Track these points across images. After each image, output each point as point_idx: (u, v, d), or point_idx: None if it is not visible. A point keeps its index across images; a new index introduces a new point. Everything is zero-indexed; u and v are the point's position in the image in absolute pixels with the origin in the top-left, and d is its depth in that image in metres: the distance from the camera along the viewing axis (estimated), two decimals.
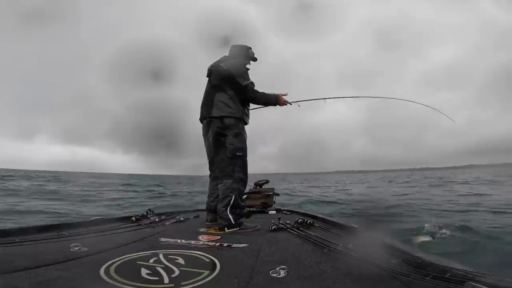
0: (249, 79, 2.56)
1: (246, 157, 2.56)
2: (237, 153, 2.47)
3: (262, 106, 2.79)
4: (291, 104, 2.74)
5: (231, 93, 2.51)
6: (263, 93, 2.61)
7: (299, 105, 2.83)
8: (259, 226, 2.46)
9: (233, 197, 2.43)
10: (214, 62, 2.67)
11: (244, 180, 2.53)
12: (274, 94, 2.65)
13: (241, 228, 2.39)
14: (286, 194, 12.09)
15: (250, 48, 2.77)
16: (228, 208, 2.40)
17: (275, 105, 2.69)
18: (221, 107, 2.49)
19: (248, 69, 2.64)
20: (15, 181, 18.89)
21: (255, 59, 2.76)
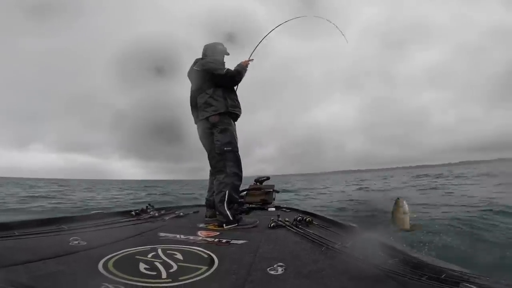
0: (225, 67, 2.57)
1: (236, 151, 2.54)
2: (225, 148, 2.48)
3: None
4: (251, 60, 2.74)
5: (210, 91, 2.53)
6: (236, 70, 2.62)
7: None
8: (258, 222, 2.46)
9: (227, 192, 2.44)
10: (189, 68, 2.72)
11: (238, 174, 2.52)
12: (240, 65, 2.66)
13: (240, 224, 2.40)
14: None
15: (222, 44, 2.77)
16: (225, 204, 2.41)
17: (244, 72, 2.71)
18: (204, 108, 2.54)
19: (224, 62, 2.66)
20: None
21: (227, 54, 2.76)
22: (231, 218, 2.39)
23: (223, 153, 2.49)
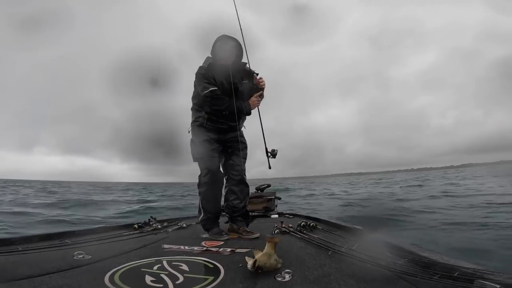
0: (207, 87, 2.27)
1: (201, 161, 2.39)
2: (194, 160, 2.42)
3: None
4: (261, 96, 2.44)
5: (191, 105, 2.47)
6: (227, 101, 2.30)
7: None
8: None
9: (199, 201, 2.44)
10: None
11: (200, 184, 2.41)
12: (245, 106, 2.39)
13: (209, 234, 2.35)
14: None
15: (221, 38, 2.36)
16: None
17: (249, 113, 2.45)
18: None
19: (201, 73, 2.33)
20: None
21: (220, 54, 2.34)
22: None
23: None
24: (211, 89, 2.26)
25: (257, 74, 2.47)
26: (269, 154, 2.73)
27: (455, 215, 6.11)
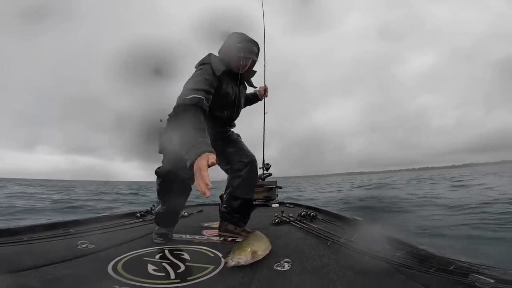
0: (192, 87, 1.65)
1: (167, 154, 1.80)
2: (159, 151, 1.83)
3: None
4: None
5: None
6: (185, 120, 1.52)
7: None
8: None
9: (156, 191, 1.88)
10: None
11: (160, 175, 1.81)
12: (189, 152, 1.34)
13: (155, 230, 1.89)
14: None
15: (235, 41, 1.89)
16: None
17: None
18: None
19: (208, 71, 1.77)
20: None
21: (239, 59, 1.85)
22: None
23: None
24: (200, 97, 1.60)
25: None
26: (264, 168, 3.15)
27: None
